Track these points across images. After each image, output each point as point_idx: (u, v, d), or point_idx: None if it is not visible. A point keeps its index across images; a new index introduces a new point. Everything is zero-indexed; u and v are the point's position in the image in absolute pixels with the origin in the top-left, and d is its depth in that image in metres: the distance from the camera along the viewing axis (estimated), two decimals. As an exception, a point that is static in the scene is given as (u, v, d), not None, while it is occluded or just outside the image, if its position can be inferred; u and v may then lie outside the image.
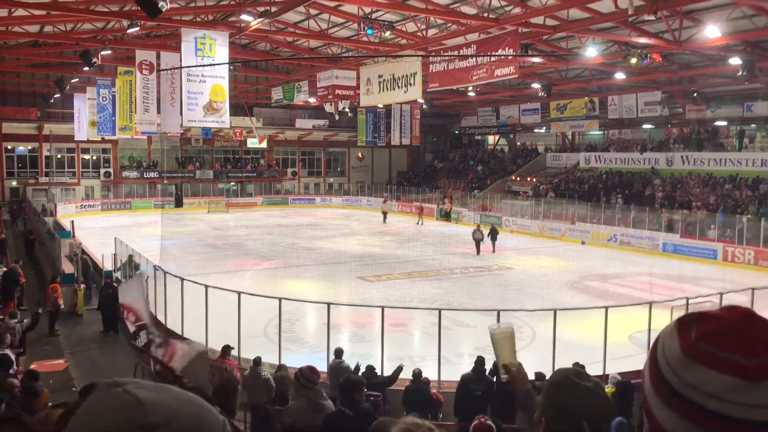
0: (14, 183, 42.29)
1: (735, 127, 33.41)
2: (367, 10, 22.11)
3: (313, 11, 24.29)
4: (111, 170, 45.32)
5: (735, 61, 22.60)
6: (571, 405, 1.69)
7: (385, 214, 39.52)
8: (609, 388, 9.93)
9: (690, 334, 0.91)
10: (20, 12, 21.56)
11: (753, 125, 32.51)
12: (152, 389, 0.90)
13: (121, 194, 45.04)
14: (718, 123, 33.61)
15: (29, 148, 42.89)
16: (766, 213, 25.97)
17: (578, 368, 1.87)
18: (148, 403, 0.87)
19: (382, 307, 11.46)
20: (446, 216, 39.75)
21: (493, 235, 27.56)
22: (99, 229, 31.06)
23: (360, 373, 9.75)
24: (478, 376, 9.52)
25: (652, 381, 0.94)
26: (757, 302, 12.67)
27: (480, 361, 9.68)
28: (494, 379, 9.50)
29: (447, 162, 52.18)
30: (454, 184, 45.80)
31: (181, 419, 0.88)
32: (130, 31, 19.90)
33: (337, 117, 36.61)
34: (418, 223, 37.85)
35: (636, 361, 11.60)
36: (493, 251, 26.99)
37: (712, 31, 19.66)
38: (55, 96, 36.26)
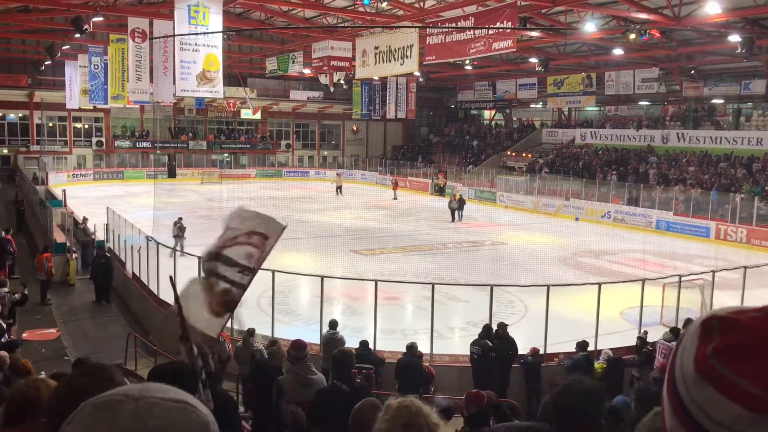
0: (5, 151, 41.89)
1: (732, 106, 33.28)
2: (364, -21, 21.72)
3: (309, -20, 23.87)
4: (103, 139, 44.87)
5: (734, 38, 22.40)
6: None
7: (339, 187, 38.84)
8: (600, 364, 10.00)
9: (708, 345, 0.78)
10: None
11: (750, 104, 32.39)
12: (163, 390, 0.85)
13: (114, 164, 44.70)
14: (715, 101, 33.48)
15: (20, 115, 42.40)
16: (759, 192, 26.02)
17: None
18: (191, 402, 0.85)
19: (376, 281, 11.44)
20: (440, 191, 39.66)
21: (460, 205, 29.33)
22: (91, 199, 30.83)
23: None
24: (478, 339, 10.02)
25: (667, 388, 0.83)
26: (749, 281, 12.75)
27: (485, 328, 10.20)
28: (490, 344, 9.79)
29: (442, 136, 51.92)
30: (449, 159, 45.63)
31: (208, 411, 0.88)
32: (122, -3, 19.52)
33: (332, 89, 36.18)
34: (394, 198, 37.30)
35: (627, 337, 11.67)
36: (460, 219, 28.78)
37: (712, 8, 19.42)
38: (46, 63, 35.70)
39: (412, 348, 9.64)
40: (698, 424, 0.77)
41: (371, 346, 10.26)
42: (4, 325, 9.45)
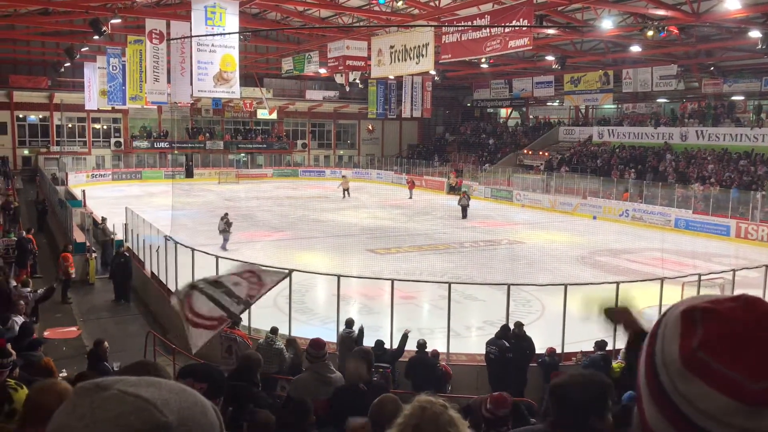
0: (26, 152, 42.47)
1: (752, 102, 32.84)
2: (380, -21, 21.71)
3: (324, -20, 23.92)
4: (121, 140, 45.34)
5: (754, 34, 22.12)
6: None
7: (345, 190, 37.78)
8: (618, 363, 9.92)
9: (693, 337, 0.78)
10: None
11: (770, 100, 31.95)
12: (148, 385, 0.82)
13: (132, 164, 45.12)
14: (734, 98, 33.05)
15: (40, 117, 42.96)
16: (781, 190, 25.67)
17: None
18: (157, 402, 0.79)
19: (392, 280, 11.43)
20: (456, 190, 39.55)
21: (468, 201, 30.25)
22: (110, 199, 31.16)
23: (364, 337, 9.86)
24: (495, 339, 9.92)
25: (647, 375, 0.82)
26: (770, 279, 12.56)
27: (503, 328, 10.12)
28: (507, 345, 9.72)
29: (458, 135, 51.77)
30: (465, 158, 45.50)
31: (194, 415, 0.82)
32: (139, -1, 19.70)
33: (347, 88, 36.27)
34: (409, 198, 37.22)
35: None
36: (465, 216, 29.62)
37: (731, 3, 19.20)
38: (65, 65, 36.14)
39: (422, 345, 9.64)
40: (683, 414, 0.77)
41: (387, 345, 10.26)
42: (28, 323, 9.58)
